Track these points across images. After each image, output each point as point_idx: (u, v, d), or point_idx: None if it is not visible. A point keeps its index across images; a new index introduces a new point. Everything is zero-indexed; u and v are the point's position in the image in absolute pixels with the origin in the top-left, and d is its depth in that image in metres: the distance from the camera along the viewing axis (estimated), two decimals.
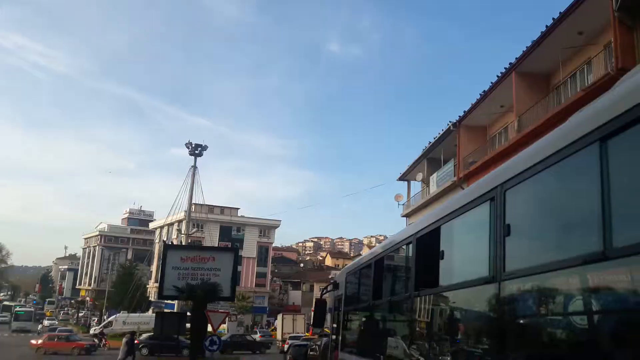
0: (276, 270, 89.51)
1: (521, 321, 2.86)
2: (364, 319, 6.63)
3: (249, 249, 73.02)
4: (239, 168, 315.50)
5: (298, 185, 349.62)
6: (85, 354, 31.90)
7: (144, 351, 28.38)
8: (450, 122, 26.10)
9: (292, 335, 34.41)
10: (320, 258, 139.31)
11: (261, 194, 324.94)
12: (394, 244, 5.76)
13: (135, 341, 28.17)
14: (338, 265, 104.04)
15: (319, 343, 13.36)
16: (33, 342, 34.75)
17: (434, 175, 28.67)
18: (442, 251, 3.73)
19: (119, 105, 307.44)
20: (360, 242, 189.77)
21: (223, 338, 37.46)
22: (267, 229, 77.43)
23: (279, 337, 44.63)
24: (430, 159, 30.45)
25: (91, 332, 48.40)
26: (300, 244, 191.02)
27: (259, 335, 43.27)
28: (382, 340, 5.77)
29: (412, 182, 34.32)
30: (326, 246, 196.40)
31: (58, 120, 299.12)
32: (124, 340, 25.09)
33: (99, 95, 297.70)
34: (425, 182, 30.43)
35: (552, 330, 2.65)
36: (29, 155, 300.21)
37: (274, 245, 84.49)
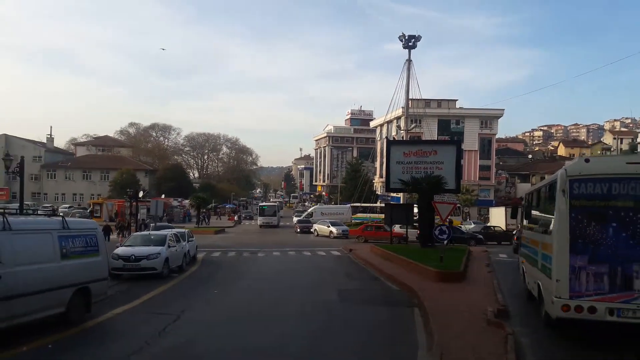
0: (501, 163, 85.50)
1: None
2: (531, 216, 12.83)
3: (470, 142, 70.50)
4: (453, 56, 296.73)
5: (521, 67, 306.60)
6: (403, 242, 31.87)
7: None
8: None
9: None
10: (552, 148, 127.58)
11: (480, 82, 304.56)
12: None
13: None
14: (573, 155, 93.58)
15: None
16: (355, 230, 41.32)
17: None
18: None
19: (333, 7, 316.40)
20: (600, 128, 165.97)
21: (469, 229, 38.47)
22: (488, 119, 73.19)
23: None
24: None
25: (294, 220, 55.14)
26: (528, 134, 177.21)
27: (472, 225, 43.96)
28: (539, 227, 11.34)
29: None
30: (558, 134, 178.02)
31: (278, 30, 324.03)
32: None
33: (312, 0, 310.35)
34: None
35: None
36: (260, 66, 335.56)
37: (497, 136, 79.97)
